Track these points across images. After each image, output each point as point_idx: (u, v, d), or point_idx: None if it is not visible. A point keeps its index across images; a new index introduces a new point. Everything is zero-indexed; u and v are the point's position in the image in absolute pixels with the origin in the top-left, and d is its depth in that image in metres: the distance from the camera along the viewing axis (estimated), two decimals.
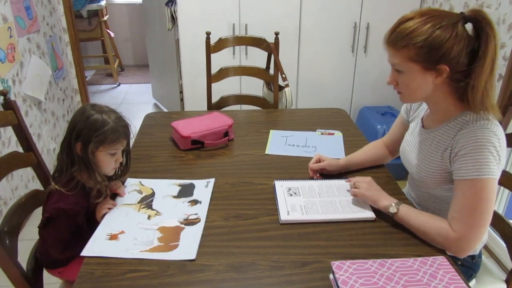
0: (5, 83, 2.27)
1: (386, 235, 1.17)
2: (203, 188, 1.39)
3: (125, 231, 1.19)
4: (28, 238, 1.42)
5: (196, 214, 1.27)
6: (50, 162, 1.25)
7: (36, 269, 1.33)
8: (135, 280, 1.02)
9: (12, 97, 2.36)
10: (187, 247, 1.13)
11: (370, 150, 1.54)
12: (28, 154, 1.40)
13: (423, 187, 1.27)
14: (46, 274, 1.35)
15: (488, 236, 1.28)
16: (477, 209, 1.04)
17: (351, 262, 1.00)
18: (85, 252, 1.10)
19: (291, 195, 1.34)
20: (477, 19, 1.03)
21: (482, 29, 1.03)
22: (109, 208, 1.26)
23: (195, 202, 1.33)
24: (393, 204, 1.19)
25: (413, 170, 1.29)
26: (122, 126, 1.23)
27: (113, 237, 1.16)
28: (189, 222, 1.24)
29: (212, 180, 1.43)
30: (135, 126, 1.32)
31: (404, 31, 1.06)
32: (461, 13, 1.05)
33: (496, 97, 2.17)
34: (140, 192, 1.38)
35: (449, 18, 1.04)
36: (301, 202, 1.30)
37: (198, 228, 1.21)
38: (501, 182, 1.38)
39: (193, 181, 1.43)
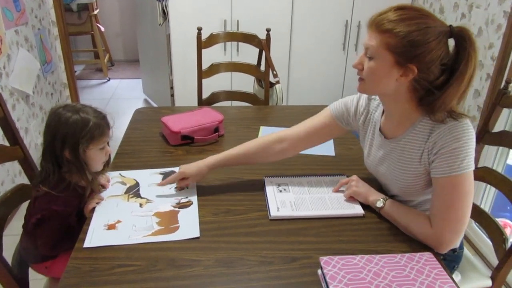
0: None
1: (375, 231, 1.17)
2: None
3: (121, 220, 1.19)
4: (14, 233, 1.40)
5: (187, 197, 1.30)
6: (38, 156, 1.23)
7: (21, 265, 1.31)
8: (123, 275, 1.01)
9: None
10: (189, 227, 1.16)
11: (252, 145, 1.37)
12: (15, 148, 1.38)
13: (407, 197, 1.23)
14: (32, 271, 1.34)
15: (472, 231, 1.29)
16: (455, 205, 1.05)
17: (339, 257, 1.01)
18: (87, 244, 1.10)
19: (280, 191, 1.34)
20: (462, 37, 1.02)
21: (465, 49, 1.01)
22: (97, 203, 1.25)
23: (181, 188, 1.35)
24: (380, 199, 1.20)
25: (391, 183, 1.24)
26: (102, 118, 1.23)
27: (110, 227, 1.16)
28: (182, 205, 1.26)
29: None
30: (122, 125, 1.31)
31: (393, 16, 1.03)
32: (450, 26, 1.04)
33: (484, 96, 2.20)
34: (123, 183, 1.37)
35: (438, 25, 1.03)
36: (291, 198, 1.30)
37: (193, 210, 1.23)
38: (488, 181, 1.41)
39: (174, 169, 1.44)
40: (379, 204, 1.20)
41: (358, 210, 1.25)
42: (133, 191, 1.33)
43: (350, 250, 1.10)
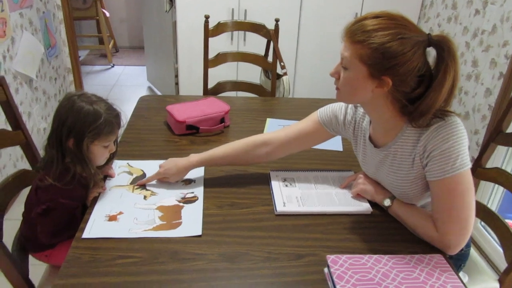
0: None
1: (383, 230, 1.15)
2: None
3: (123, 211, 1.16)
4: (15, 218, 1.37)
5: (193, 192, 1.27)
6: (40, 141, 1.20)
7: (21, 252, 1.29)
8: (124, 267, 0.99)
9: (2, 73, 2.29)
10: (191, 224, 1.13)
11: (236, 147, 1.33)
12: (17, 133, 1.35)
13: (408, 202, 1.17)
14: (32, 257, 1.31)
15: (477, 232, 1.25)
16: (456, 207, 1.01)
17: (346, 256, 0.98)
18: (86, 234, 1.07)
19: (286, 185, 1.31)
20: (441, 47, 0.97)
21: (443, 59, 0.96)
22: (99, 193, 1.22)
23: (188, 181, 1.32)
24: (388, 198, 1.17)
25: (389, 189, 1.19)
26: (115, 117, 1.18)
27: (112, 218, 1.14)
28: (187, 200, 1.23)
29: None
30: (125, 113, 1.27)
31: (365, 26, 0.97)
32: (428, 34, 0.98)
33: (496, 95, 2.16)
34: (130, 173, 1.34)
35: (414, 34, 0.96)
36: (297, 193, 1.27)
37: (198, 206, 1.20)
38: (500, 182, 1.37)
39: None
40: (387, 203, 1.17)
41: (365, 207, 1.22)
42: (139, 182, 1.30)
43: (358, 249, 1.07)
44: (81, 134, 1.11)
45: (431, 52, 0.99)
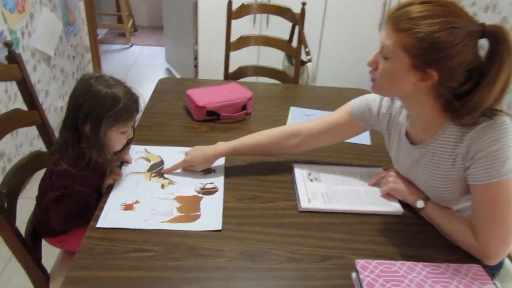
0: (14, 34, 2.15)
1: (415, 234, 1.07)
2: None
3: (139, 200, 1.11)
4: (29, 196, 1.32)
5: (212, 183, 1.20)
6: (57, 121, 1.14)
7: (34, 236, 1.25)
8: (139, 260, 0.94)
9: (21, 50, 2.25)
10: (210, 217, 1.07)
11: (265, 137, 1.27)
12: (32, 113, 1.30)
13: (443, 205, 1.08)
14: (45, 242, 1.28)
15: None
16: (499, 215, 0.92)
17: (377, 262, 0.91)
18: (100, 223, 1.02)
19: (311, 180, 1.24)
20: (496, 39, 0.86)
21: (498, 53, 0.86)
22: (114, 179, 1.17)
23: (209, 170, 1.26)
24: (421, 199, 1.09)
25: (424, 190, 1.10)
26: (133, 101, 1.11)
27: (128, 207, 1.08)
28: (206, 191, 1.16)
29: None
30: (143, 96, 1.20)
31: (411, 13, 0.87)
32: (481, 24, 0.87)
33: None
34: (147, 159, 1.29)
35: (466, 23, 0.86)
36: (322, 189, 1.20)
37: (218, 198, 1.14)
38: None
39: None
40: (420, 204, 1.09)
41: (396, 207, 1.14)
42: (157, 169, 1.24)
43: (388, 253, 1.00)
44: (99, 119, 1.05)
45: (484, 45, 0.90)
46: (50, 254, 1.31)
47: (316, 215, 1.12)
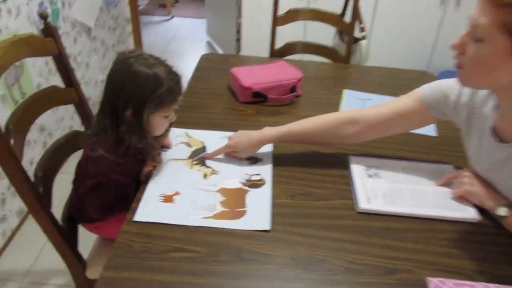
0: (54, 4, 2.09)
1: (495, 247, 0.91)
2: None
3: (180, 192, 1.01)
4: (66, 171, 1.25)
5: (259, 174, 1.09)
6: (98, 95, 1.05)
7: (71, 221, 1.20)
8: (179, 262, 0.84)
9: (61, 21, 2.18)
10: (257, 214, 0.96)
11: (319, 123, 1.13)
12: (69, 90, 1.22)
13: None
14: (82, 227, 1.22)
15: None
16: None
17: (454, 283, 0.78)
18: (138, 217, 0.93)
19: (370, 176, 1.10)
20: None
21: None
22: (154, 166, 1.07)
23: (255, 160, 1.14)
24: (504, 206, 0.93)
25: (509, 196, 0.94)
26: (176, 83, 1.00)
27: (167, 199, 0.99)
28: (252, 183, 1.05)
29: None
30: (184, 73, 1.08)
31: None
32: None
33: None
34: (188, 145, 1.19)
35: None
36: (383, 187, 1.06)
37: (265, 192, 1.03)
38: None
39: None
40: (502, 212, 0.93)
41: (472, 214, 0.98)
42: (198, 156, 1.14)
43: (465, 270, 0.85)
44: (141, 104, 0.95)
45: None
46: (88, 238, 1.26)
47: (377, 218, 0.98)
